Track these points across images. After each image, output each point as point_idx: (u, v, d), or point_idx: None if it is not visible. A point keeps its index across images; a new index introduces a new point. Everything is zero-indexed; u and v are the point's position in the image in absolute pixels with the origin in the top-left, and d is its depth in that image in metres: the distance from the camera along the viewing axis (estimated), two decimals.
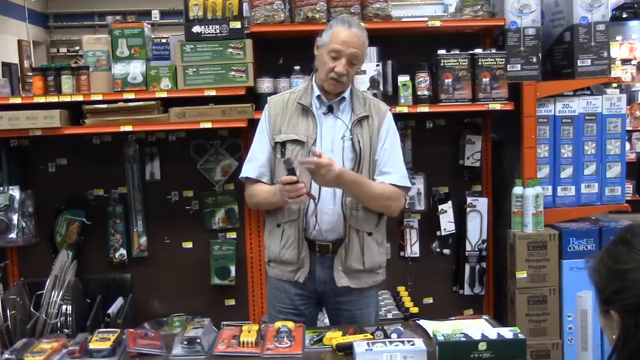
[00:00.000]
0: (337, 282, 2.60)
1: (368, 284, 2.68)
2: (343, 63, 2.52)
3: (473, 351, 2.00)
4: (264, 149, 2.64)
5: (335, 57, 2.52)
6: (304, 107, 2.61)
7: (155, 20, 10.94)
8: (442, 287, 3.92)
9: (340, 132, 2.60)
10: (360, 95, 2.69)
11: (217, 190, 3.76)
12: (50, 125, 3.34)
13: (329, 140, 2.59)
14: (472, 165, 3.83)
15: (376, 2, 3.51)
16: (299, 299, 2.65)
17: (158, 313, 3.75)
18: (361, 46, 2.55)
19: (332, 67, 2.53)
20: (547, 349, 3.51)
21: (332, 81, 2.55)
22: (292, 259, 2.60)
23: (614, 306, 1.36)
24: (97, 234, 3.72)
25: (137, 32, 3.52)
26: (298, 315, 2.63)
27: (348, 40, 2.51)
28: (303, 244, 2.58)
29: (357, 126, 2.60)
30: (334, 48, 2.52)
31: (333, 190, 2.56)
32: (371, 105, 2.67)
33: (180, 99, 3.44)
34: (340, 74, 2.53)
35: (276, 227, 2.64)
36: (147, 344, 2.22)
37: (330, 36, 2.54)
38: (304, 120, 2.60)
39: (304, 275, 2.60)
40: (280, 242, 2.62)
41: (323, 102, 2.62)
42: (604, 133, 3.69)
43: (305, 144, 2.56)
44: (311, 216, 2.56)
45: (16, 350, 2.18)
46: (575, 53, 3.56)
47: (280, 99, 2.70)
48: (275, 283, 2.70)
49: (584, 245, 3.52)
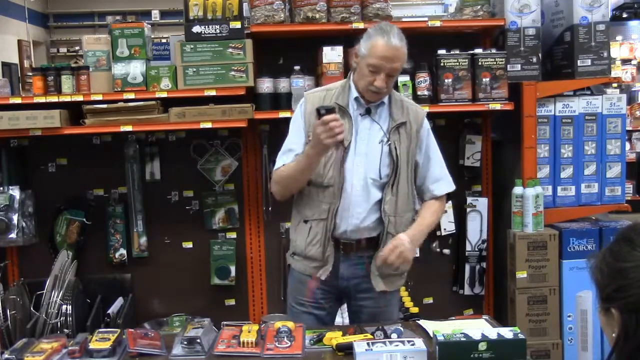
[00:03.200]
0: (376, 287, 2.61)
1: (398, 286, 2.73)
2: (382, 78, 2.46)
3: (473, 351, 2.00)
4: (300, 143, 2.58)
5: (374, 72, 2.47)
6: (341, 108, 2.56)
7: (155, 20, 10.93)
8: (442, 287, 3.92)
9: (376, 136, 2.57)
10: (398, 98, 2.65)
11: (217, 190, 3.76)
12: (50, 125, 3.33)
13: (364, 142, 2.57)
14: (472, 165, 3.83)
15: (376, 2, 3.51)
16: (320, 292, 2.65)
17: (158, 313, 3.75)
18: (402, 58, 2.48)
19: (372, 80, 2.47)
20: (547, 349, 3.51)
21: (372, 93, 2.52)
22: (317, 256, 2.60)
23: (615, 304, 1.36)
24: (97, 234, 3.72)
25: (137, 32, 3.52)
26: (318, 309, 2.64)
27: (388, 55, 2.44)
28: (329, 243, 2.58)
29: (395, 133, 2.57)
30: (372, 63, 2.45)
31: (362, 195, 2.55)
32: (409, 110, 2.63)
33: (180, 99, 3.44)
34: (380, 88, 2.48)
35: (303, 222, 2.63)
36: (147, 344, 2.22)
37: (369, 49, 2.47)
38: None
39: (327, 272, 2.61)
40: (306, 238, 2.61)
41: (361, 104, 2.58)
42: (604, 133, 3.69)
43: (341, 144, 2.51)
44: (338, 217, 2.55)
45: (16, 350, 2.18)
46: (575, 53, 3.56)
47: (317, 96, 2.63)
48: (297, 276, 2.70)
49: (584, 245, 3.52)
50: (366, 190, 2.55)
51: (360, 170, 2.55)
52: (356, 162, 2.55)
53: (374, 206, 2.57)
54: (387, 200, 2.56)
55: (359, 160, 2.55)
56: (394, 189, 2.57)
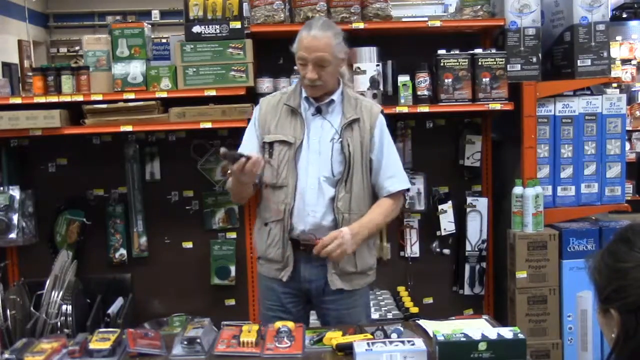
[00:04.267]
0: (332, 285, 2.60)
1: (360, 285, 2.69)
2: (310, 69, 2.51)
3: (473, 351, 2.00)
4: (253, 147, 2.64)
5: (303, 64, 2.53)
6: (292, 109, 2.62)
7: (155, 20, 10.93)
8: (442, 287, 3.92)
9: (328, 134, 2.59)
10: (352, 96, 2.67)
11: (217, 190, 3.76)
12: (50, 125, 3.34)
13: (316, 141, 2.59)
14: (472, 165, 3.83)
15: (376, 2, 3.51)
16: (286, 297, 2.66)
17: (158, 313, 3.75)
18: (325, 48, 2.50)
19: (304, 74, 2.53)
20: (547, 349, 3.51)
21: (309, 87, 2.56)
22: (277, 258, 2.62)
23: (614, 305, 1.36)
24: (97, 234, 3.72)
25: (137, 32, 3.52)
26: (286, 313, 2.64)
27: (309, 46, 2.50)
28: (287, 244, 2.59)
29: (348, 129, 2.59)
30: (299, 56, 2.54)
31: (317, 193, 2.56)
32: (363, 107, 2.65)
33: (180, 99, 3.44)
34: (311, 80, 2.52)
35: (264, 225, 2.66)
36: (147, 344, 2.22)
37: (297, 43, 2.56)
38: (292, 122, 2.61)
39: (288, 274, 2.61)
40: (266, 240, 2.64)
41: (311, 104, 2.62)
42: (604, 133, 3.69)
43: (293, 144, 2.57)
44: (295, 217, 2.56)
45: (16, 350, 2.18)
46: (575, 53, 3.56)
47: (272, 100, 2.70)
48: (263, 280, 2.72)
49: (584, 245, 3.52)
50: (320, 188, 2.56)
51: (313, 169, 2.57)
52: (310, 160, 2.57)
53: (329, 204, 2.57)
54: (341, 198, 2.56)
55: (313, 158, 2.57)
56: (347, 186, 2.57)
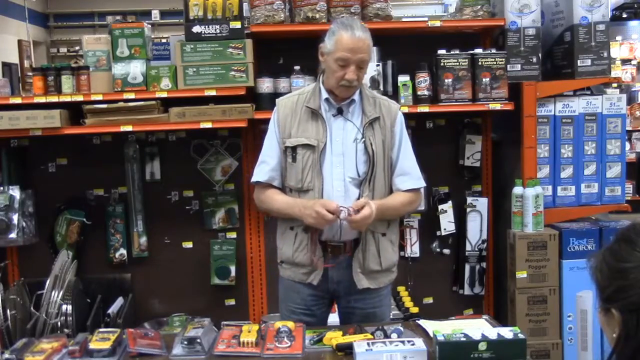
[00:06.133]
0: (358, 285, 2.60)
1: (385, 283, 2.69)
2: (352, 70, 2.49)
3: (473, 351, 2.00)
4: (274, 153, 2.63)
5: (344, 65, 2.50)
6: (313, 111, 2.59)
7: (155, 20, 10.93)
8: (442, 287, 3.92)
9: (351, 134, 2.58)
10: (370, 95, 2.66)
11: (217, 190, 3.76)
12: (50, 125, 3.33)
13: (339, 142, 2.58)
14: (472, 165, 3.83)
15: (376, 2, 3.51)
16: (312, 299, 2.65)
17: (158, 313, 3.75)
18: (367, 49, 2.52)
19: (342, 74, 2.50)
20: (547, 349, 3.51)
21: (344, 88, 2.54)
22: (306, 262, 2.60)
23: (615, 304, 1.36)
24: (97, 234, 3.72)
25: (137, 32, 3.52)
26: (310, 316, 2.64)
27: (354, 47, 2.48)
28: (317, 247, 2.58)
29: (369, 128, 2.58)
30: (340, 57, 2.49)
31: (343, 195, 2.55)
32: (382, 105, 2.64)
33: (180, 99, 3.44)
34: (351, 81, 2.51)
35: (289, 229, 2.63)
36: (147, 344, 2.22)
37: (335, 44, 2.50)
38: (313, 124, 2.58)
39: (318, 277, 2.60)
40: (293, 245, 2.62)
41: (332, 105, 2.60)
42: (604, 133, 3.69)
43: (316, 147, 2.55)
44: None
45: (16, 350, 2.18)
46: (575, 53, 3.56)
47: (289, 101, 2.67)
48: (288, 284, 2.70)
49: (584, 245, 3.52)
50: (346, 190, 2.56)
51: (339, 171, 2.57)
52: (334, 162, 2.56)
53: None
54: (364, 197, 2.55)
55: (337, 160, 2.57)
56: (370, 185, 2.57)
